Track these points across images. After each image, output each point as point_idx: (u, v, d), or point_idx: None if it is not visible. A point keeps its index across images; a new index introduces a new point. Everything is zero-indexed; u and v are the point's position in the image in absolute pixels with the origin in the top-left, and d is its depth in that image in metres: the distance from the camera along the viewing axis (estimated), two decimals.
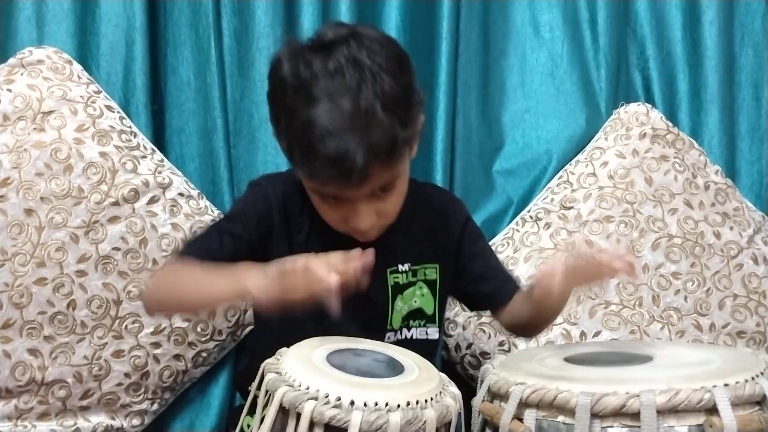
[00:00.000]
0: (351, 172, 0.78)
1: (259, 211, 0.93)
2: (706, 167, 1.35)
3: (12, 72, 1.16)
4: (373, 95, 0.79)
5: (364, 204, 0.85)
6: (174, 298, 0.90)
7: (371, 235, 0.89)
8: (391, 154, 0.81)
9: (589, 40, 1.41)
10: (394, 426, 0.64)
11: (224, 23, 1.30)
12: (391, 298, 0.97)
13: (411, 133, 0.85)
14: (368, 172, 0.80)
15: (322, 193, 0.87)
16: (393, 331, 0.98)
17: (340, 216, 0.88)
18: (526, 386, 0.75)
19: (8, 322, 1.08)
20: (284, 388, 0.67)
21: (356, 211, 0.86)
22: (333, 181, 0.81)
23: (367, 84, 0.79)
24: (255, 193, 0.96)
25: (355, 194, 0.84)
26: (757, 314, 1.26)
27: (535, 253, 1.27)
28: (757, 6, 1.46)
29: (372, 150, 0.78)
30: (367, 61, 0.80)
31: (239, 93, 1.31)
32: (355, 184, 0.81)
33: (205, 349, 1.19)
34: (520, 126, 1.41)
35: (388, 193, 0.87)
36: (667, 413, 0.68)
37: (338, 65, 0.80)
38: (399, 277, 0.97)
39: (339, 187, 0.82)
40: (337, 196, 0.85)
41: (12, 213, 1.10)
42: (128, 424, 1.15)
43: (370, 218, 0.86)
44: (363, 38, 0.83)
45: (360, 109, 0.79)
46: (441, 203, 1.05)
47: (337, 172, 0.79)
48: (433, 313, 1.00)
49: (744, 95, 1.47)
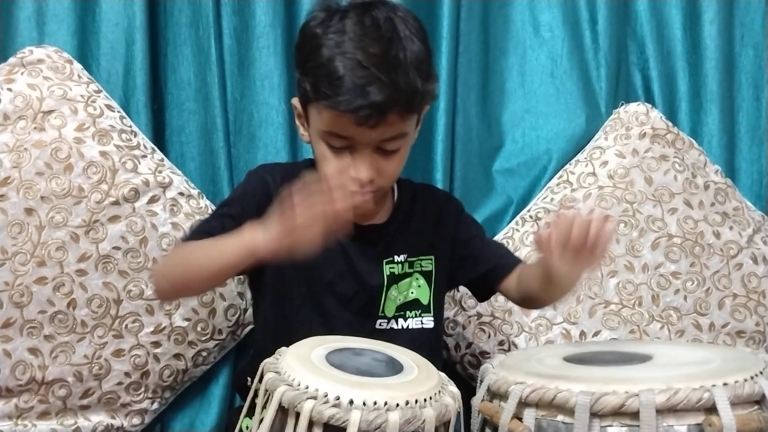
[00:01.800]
0: (372, 105, 0.83)
1: (258, 196, 0.96)
2: (706, 167, 1.35)
3: (12, 71, 1.16)
4: (402, 49, 0.86)
5: (367, 155, 0.89)
6: (185, 274, 0.90)
7: (364, 197, 0.90)
8: (410, 103, 0.86)
9: (589, 40, 1.41)
10: (393, 425, 0.64)
11: (224, 22, 1.30)
12: (385, 287, 0.99)
13: (427, 96, 0.90)
14: (387, 111, 0.84)
15: (335, 133, 0.88)
16: (386, 319, 0.99)
17: (340, 164, 0.89)
18: (525, 385, 0.75)
19: (8, 321, 1.09)
20: (283, 388, 0.67)
21: (360, 161, 0.88)
22: (354, 112, 0.83)
23: (398, 39, 0.86)
24: (253, 179, 0.99)
25: (366, 137, 0.87)
26: (757, 314, 1.26)
27: (535, 252, 1.27)
28: (757, 5, 1.46)
29: (395, 91, 0.84)
30: (399, 22, 0.88)
31: (239, 92, 1.31)
32: (372, 122, 0.84)
33: (205, 348, 1.19)
34: (520, 125, 1.42)
35: (391, 153, 0.90)
36: (667, 412, 0.68)
37: (372, 20, 0.87)
38: (395, 267, 1.00)
39: (357, 121, 0.84)
40: (348, 137, 0.88)
41: (12, 212, 1.10)
42: (128, 424, 1.16)
43: (370, 171, 0.89)
44: (394, 6, 0.91)
45: (389, 54, 0.85)
46: (437, 199, 1.09)
47: (360, 103, 0.83)
48: (428, 303, 1.02)
49: (744, 95, 1.47)
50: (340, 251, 0.97)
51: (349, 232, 0.80)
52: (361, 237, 0.96)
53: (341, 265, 0.98)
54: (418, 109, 0.90)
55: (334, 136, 0.89)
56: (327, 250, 0.94)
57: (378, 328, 0.98)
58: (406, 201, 1.04)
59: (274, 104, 1.29)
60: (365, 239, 0.98)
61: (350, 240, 0.95)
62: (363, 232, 0.97)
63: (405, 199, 1.04)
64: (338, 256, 0.97)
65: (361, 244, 0.98)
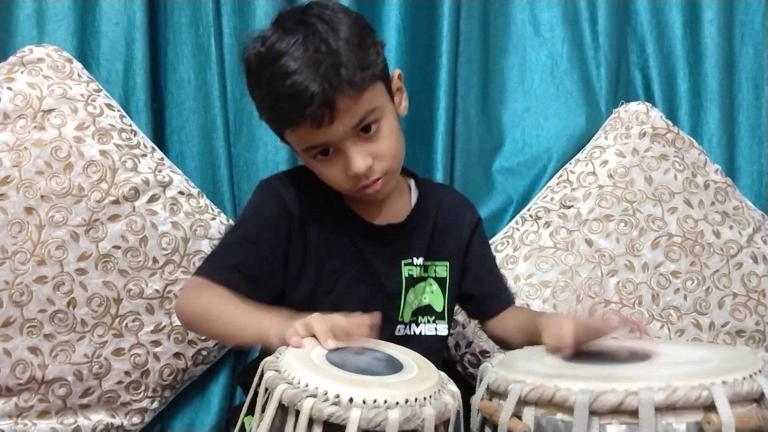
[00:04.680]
0: (313, 103, 0.82)
1: (275, 209, 0.94)
2: (706, 166, 1.35)
3: (12, 70, 1.16)
4: (321, 38, 0.84)
5: (352, 146, 0.87)
6: (203, 328, 0.94)
7: (376, 187, 0.90)
8: (350, 83, 0.83)
9: (589, 39, 1.41)
10: (393, 423, 0.64)
11: (224, 22, 1.30)
12: (404, 290, 0.97)
13: (373, 69, 0.87)
14: (332, 101, 0.82)
15: (309, 146, 0.88)
16: (403, 324, 0.98)
17: (338, 170, 0.89)
18: (524, 384, 0.75)
19: (8, 320, 1.09)
20: (283, 386, 0.67)
21: (348, 156, 0.87)
22: (305, 119, 0.83)
23: (316, 31, 0.85)
24: (268, 193, 0.97)
25: (335, 135, 0.85)
26: (757, 313, 1.26)
27: (535, 251, 1.27)
28: (757, 5, 1.46)
29: (328, 79, 0.82)
30: (313, 17, 0.86)
31: (239, 91, 1.31)
32: (327, 119, 0.83)
33: (205, 347, 1.19)
34: (520, 125, 1.42)
35: (373, 134, 0.88)
36: (666, 410, 0.68)
37: (290, 26, 0.86)
38: (413, 270, 0.99)
39: (315, 124, 0.84)
40: (322, 143, 0.87)
41: (12, 211, 1.10)
42: (128, 423, 1.16)
43: (363, 159, 0.87)
44: (311, 5, 0.89)
45: (312, 50, 0.83)
46: (455, 203, 1.07)
47: (302, 108, 0.82)
48: (443, 311, 1.01)
49: (744, 94, 1.47)
50: (356, 252, 0.95)
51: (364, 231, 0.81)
52: (377, 236, 0.95)
53: (357, 266, 0.96)
54: (366, 83, 0.86)
55: (311, 149, 0.89)
56: (341, 252, 0.94)
57: (397, 334, 0.97)
58: (425, 201, 1.02)
59: None
60: (382, 239, 0.97)
61: (366, 240, 0.95)
62: (379, 231, 0.96)
63: (424, 199, 1.03)
64: (353, 257, 0.95)
65: (378, 243, 0.96)
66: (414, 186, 1.04)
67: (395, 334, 0.97)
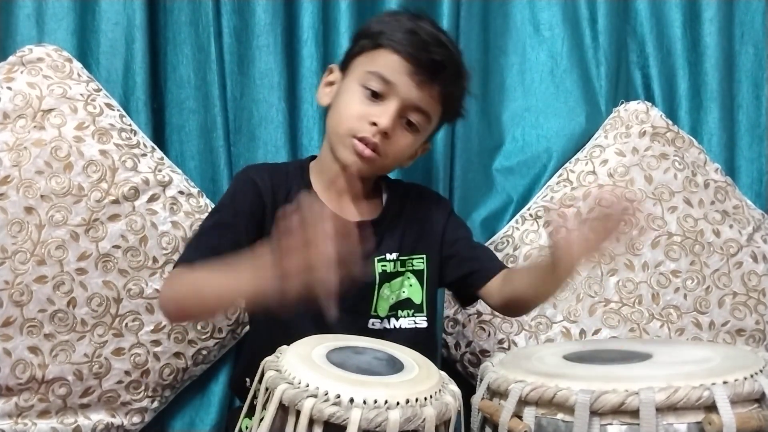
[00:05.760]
0: (433, 62, 0.94)
1: (249, 197, 0.97)
2: (706, 165, 1.35)
3: (12, 70, 1.16)
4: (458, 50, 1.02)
5: (396, 112, 0.95)
6: (195, 302, 0.90)
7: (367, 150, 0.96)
8: (454, 82, 0.99)
9: (589, 39, 1.41)
10: (394, 423, 0.64)
11: (224, 21, 1.30)
12: (377, 285, 1.00)
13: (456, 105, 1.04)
14: (438, 74, 0.94)
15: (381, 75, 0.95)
16: (378, 319, 1.00)
17: (363, 110, 0.96)
18: (525, 384, 0.75)
19: (8, 320, 1.09)
20: (284, 386, 0.67)
21: (386, 110, 0.95)
22: (418, 53, 0.94)
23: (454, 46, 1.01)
24: (241, 181, 1.01)
25: (407, 90, 0.95)
26: (757, 312, 1.26)
27: (535, 251, 1.27)
28: (756, 4, 1.46)
29: (450, 60, 0.97)
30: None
31: (239, 91, 1.31)
32: (422, 77, 0.94)
33: (205, 347, 1.19)
34: (520, 124, 1.42)
35: (406, 129, 0.98)
36: (666, 411, 0.68)
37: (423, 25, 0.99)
38: (387, 266, 1.01)
39: (413, 70, 0.94)
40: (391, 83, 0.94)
41: (12, 211, 1.10)
42: (128, 422, 1.16)
43: (392, 122, 0.95)
44: None
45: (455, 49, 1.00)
46: (427, 199, 1.11)
47: (424, 56, 0.94)
48: (421, 303, 1.02)
49: (744, 93, 1.47)
50: None
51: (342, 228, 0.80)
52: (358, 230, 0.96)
53: None
54: (453, 100, 1.00)
55: (378, 78, 0.95)
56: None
57: (370, 327, 0.99)
58: (396, 200, 1.06)
59: (273, 102, 1.29)
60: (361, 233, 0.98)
61: (339, 237, 0.95)
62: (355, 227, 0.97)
63: (395, 197, 1.07)
64: None
65: None
66: (384, 187, 1.08)
67: (368, 327, 0.99)
